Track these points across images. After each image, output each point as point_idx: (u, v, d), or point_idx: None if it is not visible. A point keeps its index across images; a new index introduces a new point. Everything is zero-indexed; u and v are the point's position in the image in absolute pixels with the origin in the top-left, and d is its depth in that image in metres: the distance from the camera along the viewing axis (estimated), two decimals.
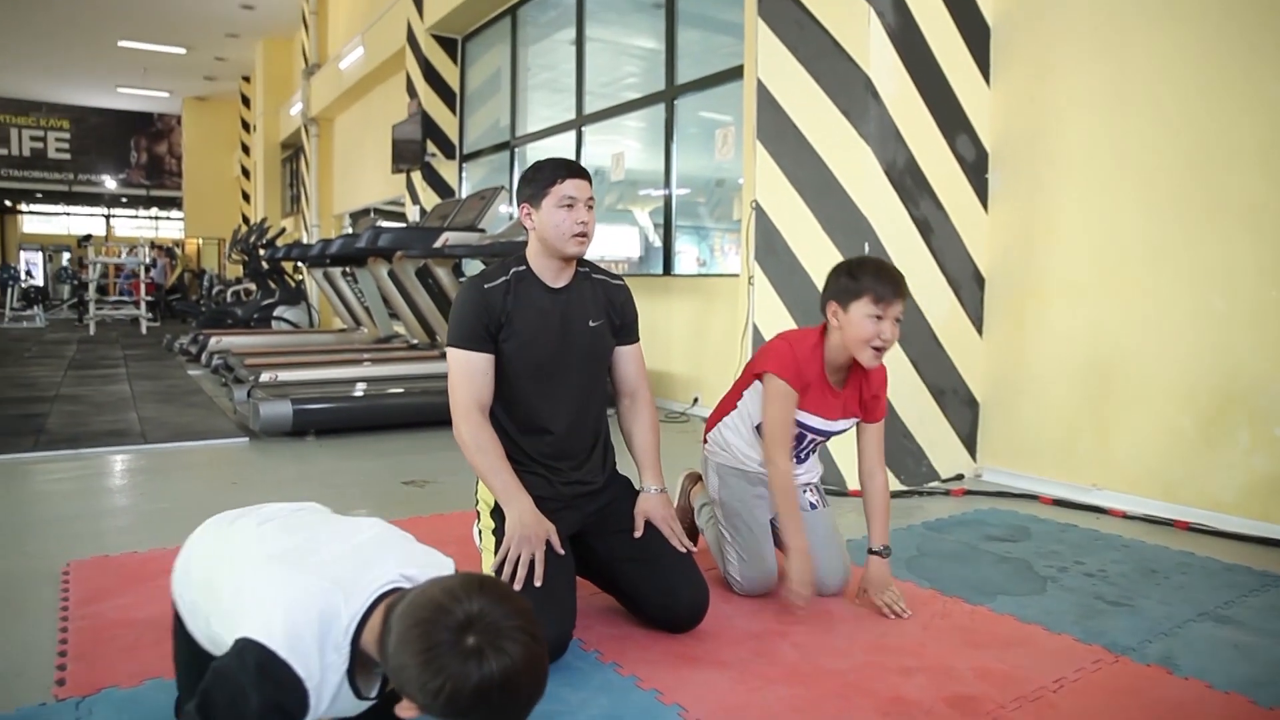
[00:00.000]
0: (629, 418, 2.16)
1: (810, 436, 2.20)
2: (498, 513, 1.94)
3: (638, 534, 1.99)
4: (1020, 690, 1.72)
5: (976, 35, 3.59)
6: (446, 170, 9.17)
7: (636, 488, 2.10)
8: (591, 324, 2.05)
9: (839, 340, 2.07)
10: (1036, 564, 2.52)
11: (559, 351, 2.00)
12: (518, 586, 1.76)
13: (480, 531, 2.02)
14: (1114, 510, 3.12)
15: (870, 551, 2.14)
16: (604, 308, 2.08)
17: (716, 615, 2.04)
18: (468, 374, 1.96)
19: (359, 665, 1.14)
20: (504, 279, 1.99)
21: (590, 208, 1.97)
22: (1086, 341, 3.34)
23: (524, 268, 2.02)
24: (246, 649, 1.09)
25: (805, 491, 2.27)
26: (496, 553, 1.87)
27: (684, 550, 2.00)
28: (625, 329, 2.13)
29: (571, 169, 1.97)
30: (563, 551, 1.87)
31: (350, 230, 12.53)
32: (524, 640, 1.04)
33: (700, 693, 1.70)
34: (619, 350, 2.13)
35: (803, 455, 2.25)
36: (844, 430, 2.21)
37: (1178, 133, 3.06)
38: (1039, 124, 3.49)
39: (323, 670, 1.10)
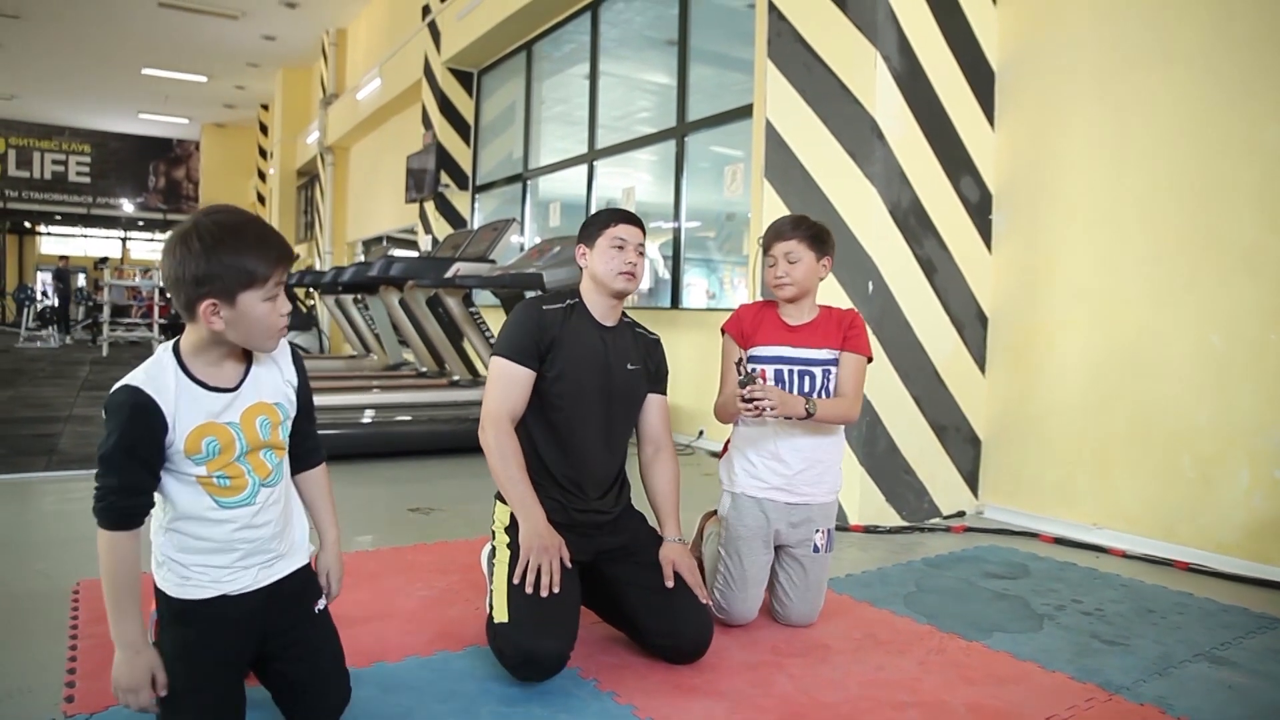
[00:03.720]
0: (651, 467, 2.23)
1: (797, 370, 2.25)
2: (513, 528, 1.99)
3: (669, 583, 2.03)
4: None
5: (981, 79, 3.67)
6: (459, 201, 9.30)
7: (653, 532, 2.17)
8: (630, 367, 2.17)
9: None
10: (1034, 602, 2.54)
11: (599, 386, 2.10)
12: (543, 593, 1.83)
13: (494, 549, 2.05)
14: (1114, 549, 3.14)
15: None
16: (642, 355, 2.21)
17: (714, 646, 2.06)
18: (507, 384, 2.04)
19: (194, 363, 1.47)
20: (561, 306, 2.12)
21: (640, 253, 2.13)
22: (1088, 381, 3.38)
23: (578, 301, 2.15)
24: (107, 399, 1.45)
25: (816, 533, 2.28)
26: (513, 563, 1.92)
27: (702, 601, 2.04)
28: (657, 378, 2.25)
29: (627, 216, 2.14)
30: (570, 565, 1.93)
31: (363, 258, 12.68)
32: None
33: None
34: (649, 398, 2.23)
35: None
36: (829, 360, 2.26)
37: (1177, 175, 3.12)
38: (1042, 166, 3.55)
39: (151, 376, 1.43)
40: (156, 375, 1.43)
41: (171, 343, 1.49)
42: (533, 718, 1.72)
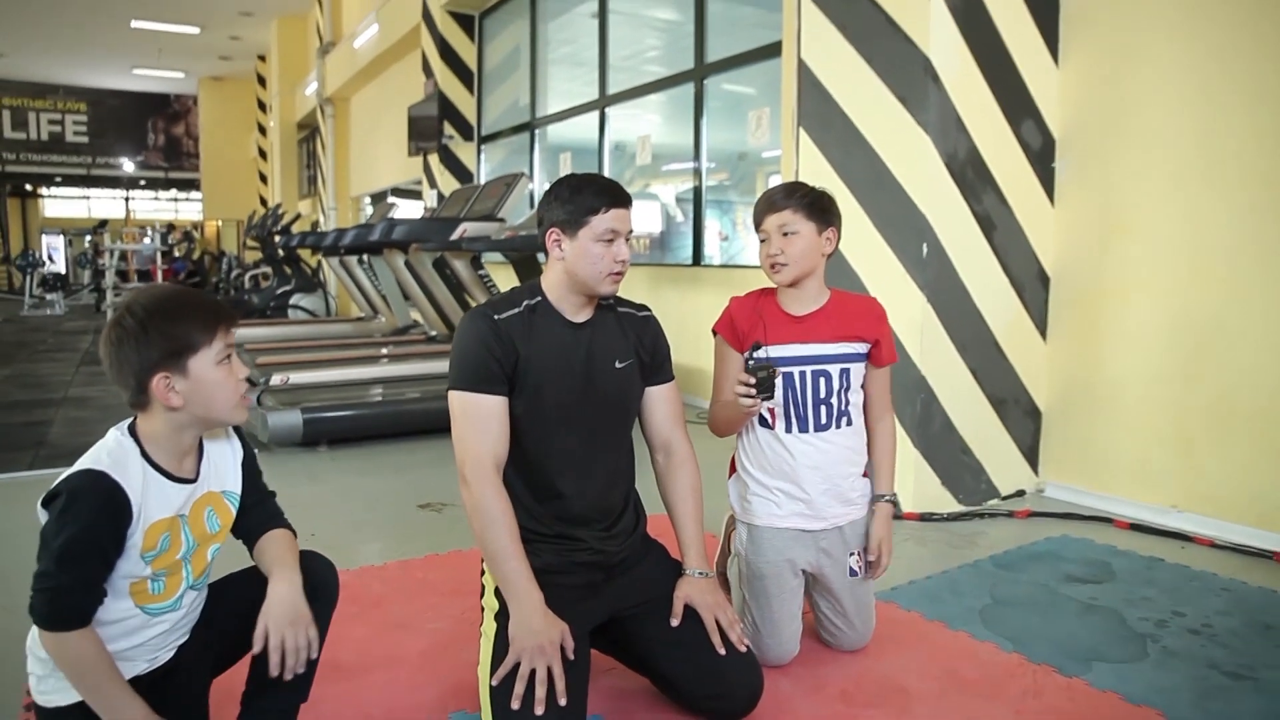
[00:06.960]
0: (666, 479, 1.84)
1: (809, 372, 1.91)
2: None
3: (675, 621, 1.68)
4: None
5: (1044, 10, 3.24)
6: (464, 152, 8.88)
7: (679, 567, 1.79)
8: (619, 365, 1.76)
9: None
10: (1129, 615, 2.23)
11: (582, 398, 1.71)
12: (539, 710, 1.45)
13: (484, 610, 1.70)
14: (1200, 538, 2.82)
15: (875, 499, 2.02)
16: (633, 345, 1.79)
17: (774, 694, 1.77)
18: (478, 422, 1.62)
19: (155, 450, 1.33)
20: (516, 311, 1.69)
21: (629, 236, 1.72)
22: (1166, 347, 3.02)
23: (540, 299, 1.72)
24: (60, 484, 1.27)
25: (850, 556, 1.96)
26: (498, 659, 1.53)
27: (742, 647, 1.69)
28: (656, 367, 1.84)
29: (616, 196, 1.69)
30: (573, 657, 1.55)
31: (369, 214, 12.28)
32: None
33: None
34: (649, 392, 1.83)
35: (824, 413, 1.92)
36: (847, 356, 1.93)
37: (1273, 116, 2.72)
38: (1113, 107, 3.15)
39: (116, 461, 1.28)
40: (121, 460, 1.29)
41: (125, 425, 1.35)
42: None
